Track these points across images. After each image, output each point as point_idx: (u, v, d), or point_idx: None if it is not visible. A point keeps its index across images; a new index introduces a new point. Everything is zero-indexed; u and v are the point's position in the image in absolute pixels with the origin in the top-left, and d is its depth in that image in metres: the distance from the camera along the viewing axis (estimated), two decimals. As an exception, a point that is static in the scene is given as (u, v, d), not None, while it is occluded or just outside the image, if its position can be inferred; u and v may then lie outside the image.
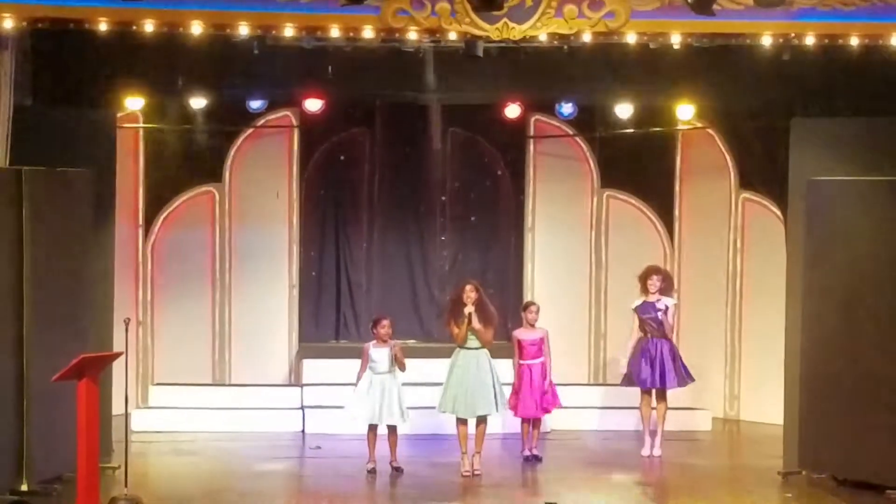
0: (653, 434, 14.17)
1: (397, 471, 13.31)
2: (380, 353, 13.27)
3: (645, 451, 14.13)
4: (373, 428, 13.33)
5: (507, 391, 13.73)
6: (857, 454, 12.55)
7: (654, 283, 14.08)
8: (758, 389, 15.77)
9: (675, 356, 14.12)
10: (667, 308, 14.05)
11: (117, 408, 13.25)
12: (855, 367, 12.58)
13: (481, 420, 13.36)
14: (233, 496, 12.38)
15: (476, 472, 13.27)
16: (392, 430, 13.36)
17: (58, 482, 12.26)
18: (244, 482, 12.92)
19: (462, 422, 13.30)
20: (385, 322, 13.33)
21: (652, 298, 14.05)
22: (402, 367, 13.29)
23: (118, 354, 12.45)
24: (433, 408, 13.60)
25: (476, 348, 13.27)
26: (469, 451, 13.24)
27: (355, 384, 13.34)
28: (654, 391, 14.11)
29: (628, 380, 14.18)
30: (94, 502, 11.64)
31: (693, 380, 14.34)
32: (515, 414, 13.96)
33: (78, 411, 11.61)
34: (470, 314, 13.13)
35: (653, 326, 14.03)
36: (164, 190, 16.31)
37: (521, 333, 13.98)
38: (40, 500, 11.32)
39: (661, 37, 12.34)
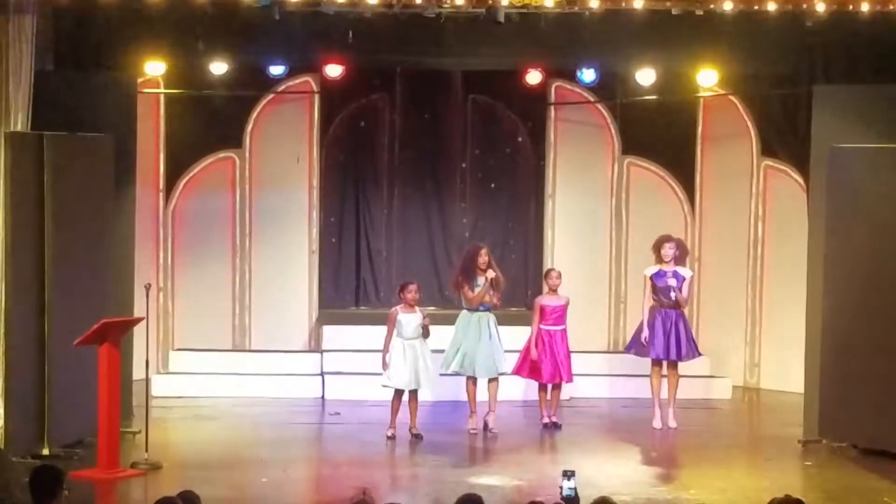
0: (663, 405, 14.07)
1: (417, 437, 13.34)
2: (408, 318, 13.25)
3: (656, 424, 13.96)
4: (399, 394, 13.34)
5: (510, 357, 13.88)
6: (878, 423, 12.52)
7: (668, 251, 13.96)
8: (778, 357, 15.73)
9: (688, 328, 14.06)
10: (683, 280, 13.96)
11: (138, 373, 13.29)
12: (877, 336, 12.54)
13: (493, 380, 13.62)
14: (252, 462, 12.42)
15: (492, 431, 13.53)
16: (413, 395, 13.37)
17: (79, 446, 12.33)
18: (264, 448, 12.96)
19: (472, 381, 13.54)
20: (412, 287, 13.34)
21: (667, 267, 13.97)
22: (427, 335, 13.31)
23: (139, 319, 12.51)
24: (453, 375, 13.65)
25: (485, 311, 13.55)
26: (478, 410, 13.54)
27: (383, 350, 13.29)
28: (664, 362, 14.02)
29: (640, 349, 14.04)
30: (115, 466, 11.73)
31: (700, 354, 14.29)
32: (537, 379, 13.94)
33: (99, 376, 11.69)
34: (492, 279, 13.36)
35: (666, 296, 13.93)
36: (184, 155, 16.29)
37: (544, 299, 13.97)
38: (62, 464, 11.34)
39: (684, 3, 12.28)
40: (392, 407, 13.36)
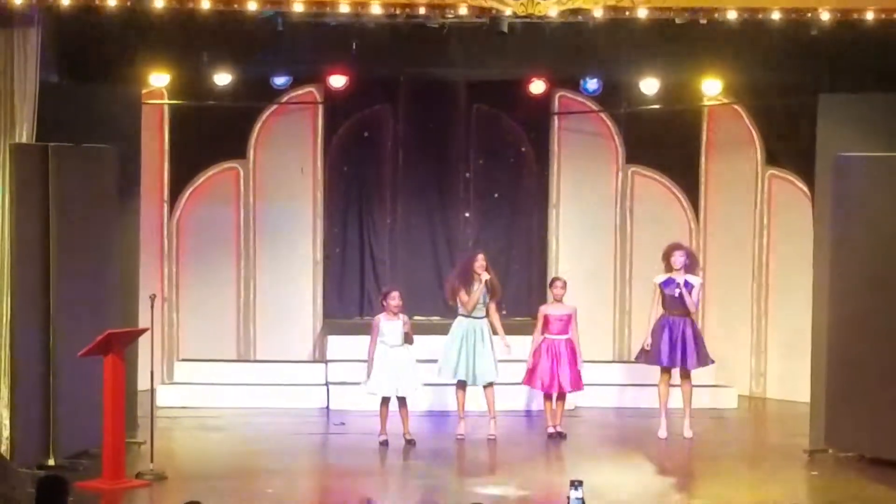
0: (670, 414, 14.01)
1: (410, 443, 13.40)
2: (390, 326, 13.32)
3: (662, 433, 13.92)
4: (385, 401, 13.41)
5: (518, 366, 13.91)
6: (885, 432, 12.48)
7: (678, 259, 13.92)
8: (784, 367, 15.71)
9: (697, 336, 14.01)
10: (692, 287, 13.92)
11: (143, 383, 13.28)
12: (883, 345, 12.52)
13: (489, 386, 13.72)
14: (257, 472, 12.39)
15: (491, 437, 13.64)
16: (402, 402, 13.43)
17: (84, 457, 12.32)
18: (268, 458, 12.94)
19: (462, 387, 13.64)
20: (395, 294, 13.41)
21: (677, 276, 13.94)
22: (411, 342, 13.36)
23: (144, 330, 12.50)
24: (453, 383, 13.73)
25: (480, 317, 13.69)
26: (470, 417, 13.74)
27: (367, 359, 13.41)
28: (676, 370, 13.99)
29: (646, 356, 14.01)
30: (120, 477, 11.72)
31: (713, 361, 14.25)
32: (539, 388, 13.93)
33: (104, 387, 11.70)
34: (486, 281, 13.53)
35: (675, 304, 13.90)
36: (188, 166, 16.30)
37: (548, 309, 13.96)
38: (67, 475, 11.33)
39: (688, 12, 12.28)
40: (380, 413, 13.44)
